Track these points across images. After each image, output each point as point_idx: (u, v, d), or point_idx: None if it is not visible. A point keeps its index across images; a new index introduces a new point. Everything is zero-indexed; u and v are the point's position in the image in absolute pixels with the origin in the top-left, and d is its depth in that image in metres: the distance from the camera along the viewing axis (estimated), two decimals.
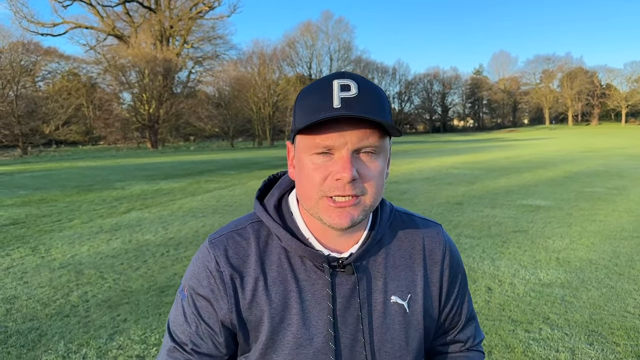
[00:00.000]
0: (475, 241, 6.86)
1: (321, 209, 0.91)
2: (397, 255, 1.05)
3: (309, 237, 1.00)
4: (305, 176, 0.92)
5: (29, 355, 3.71)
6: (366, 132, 0.88)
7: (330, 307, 0.97)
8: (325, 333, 0.97)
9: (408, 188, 12.81)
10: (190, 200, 11.62)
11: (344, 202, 0.90)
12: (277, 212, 1.03)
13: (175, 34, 65.77)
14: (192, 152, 42.95)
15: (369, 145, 0.89)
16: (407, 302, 1.03)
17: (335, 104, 0.87)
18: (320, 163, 0.90)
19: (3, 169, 24.87)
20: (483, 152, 28.57)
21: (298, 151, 0.95)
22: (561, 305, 4.47)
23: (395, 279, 1.03)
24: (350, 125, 0.87)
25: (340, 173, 0.87)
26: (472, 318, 1.19)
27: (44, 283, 5.45)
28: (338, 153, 0.89)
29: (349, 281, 0.99)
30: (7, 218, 9.63)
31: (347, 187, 0.88)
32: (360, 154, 0.90)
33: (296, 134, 0.94)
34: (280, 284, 0.98)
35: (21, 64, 45.81)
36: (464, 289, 1.16)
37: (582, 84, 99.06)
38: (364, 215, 0.92)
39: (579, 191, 11.46)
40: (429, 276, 1.07)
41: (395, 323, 1.01)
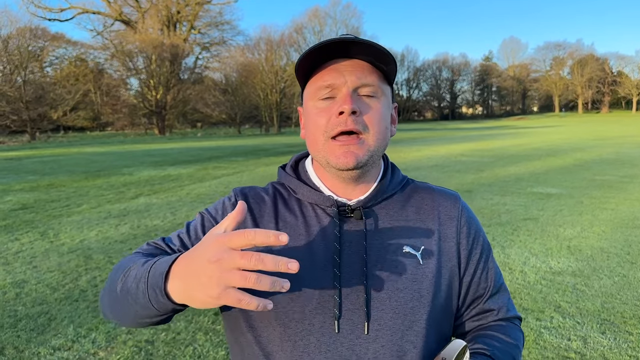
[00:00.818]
0: (485, 229, 6.80)
1: (328, 151, 0.95)
2: (409, 211, 1.05)
3: (319, 186, 1.04)
4: (312, 122, 0.97)
5: (39, 339, 3.72)
6: (364, 69, 0.94)
7: (337, 248, 0.96)
8: (331, 273, 0.96)
9: (416, 175, 12.74)
10: (198, 186, 11.63)
11: (347, 139, 0.93)
12: (294, 171, 1.11)
13: (182, 19, 65.54)
14: (200, 138, 42.98)
15: (368, 83, 0.94)
16: (420, 253, 1.00)
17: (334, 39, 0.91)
18: (323, 107, 0.95)
19: (12, 154, 25.00)
20: (492, 140, 28.38)
21: (305, 104, 1.00)
22: (573, 293, 4.43)
23: (407, 231, 1.02)
24: (348, 64, 0.93)
25: (341, 106, 0.91)
26: (504, 289, 1.13)
27: (53, 267, 5.46)
28: (339, 92, 0.94)
29: (358, 227, 0.99)
30: (16, 203, 9.67)
31: (349, 121, 0.91)
32: (361, 95, 0.95)
33: (303, 84, 1.01)
34: (290, 228, 1.01)
35: (29, 49, 45.91)
36: (488, 254, 1.11)
37: (592, 71, 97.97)
38: (368, 155, 0.95)
39: (590, 179, 11.35)
40: (444, 231, 1.04)
41: (408, 273, 0.98)
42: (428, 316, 0.98)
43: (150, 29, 59.68)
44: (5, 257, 5.92)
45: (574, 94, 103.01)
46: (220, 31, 69.67)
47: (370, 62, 0.96)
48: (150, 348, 3.54)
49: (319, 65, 0.96)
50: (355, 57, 0.95)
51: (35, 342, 3.68)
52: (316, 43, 0.92)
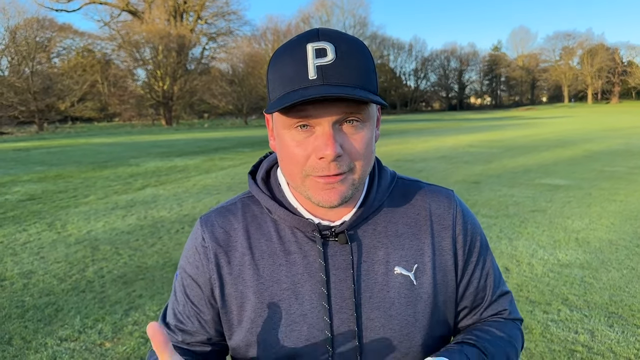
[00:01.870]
0: (492, 220, 6.77)
1: (308, 188, 0.84)
2: (400, 223, 0.96)
3: (297, 207, 0.93)
4: (287, 155, 0.84)
5: (46, 329, 3.74)
6: (348, 103, 0.79)
7: (324, 279, 0.89)
8: (320, 307, 0.89)
9: (424, 167, 12.69)
10: (205, 177, 11.64)
11: (330, 179, 0.81)
12: (266, 184, 0.98)
13: (189, 9, 65.35)
14: (206, 129, 43.03)
15: (352, 116, 0.80)
16: (413, 273, 0.92)
17: (310, 74, 0.78)
18: (301, 139, 0.81)
19: (20, 145, 25.13)
20: (501, 131, 28.21)
21: (277, 126, 0.86)
22: (580, 286, 4.39)
23: (398, 249, 0.93)
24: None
25: (322, 151, 0.78)
26: (504, 293, 1.06)
27: (60, 258, 5.49)
28: (319, 127, 0.80)
29: (343, 251, 0.91)
30: (24, 194, 9.72)
31: (332, 166, 0.80)
32: (344, 125, 0.81)
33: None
34: (268, 258, 0.92)
35: (36, 40, 46.00)
36: (486, 257, 1.02)
37: (602, 61, 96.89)
38: (353, 189, 0.85)
39: (599, 170, 11.25)
40: (439, 243, 0.96)
41: (401, 297, 0.91)
42: (424, 340, 0.93)
43: (157, 20, 59.62)
44: (13, 247, 5.95)
45: (583, 84, 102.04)
46: (227, 21, 69.44)
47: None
48: None
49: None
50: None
51: (43, 332, 3.70)
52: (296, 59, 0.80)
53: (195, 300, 0.96)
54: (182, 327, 0.98)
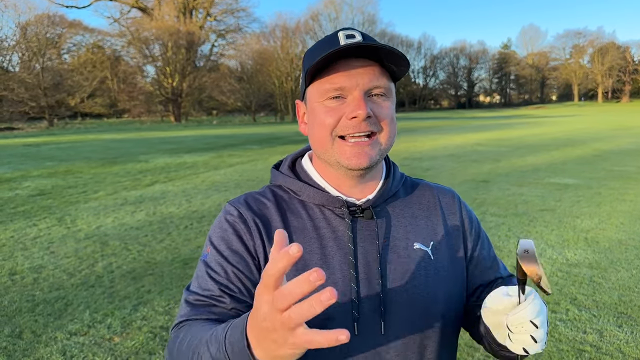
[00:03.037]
0: (501, 219, 6.75)
1: (337, 151, 0.93)
2: (414, 208, 1.06)
3: (325, 186, 1.01)
4: (319, 122, 0.94)
5: (56, 323, 3.77)
6: (375, 72, 0.92)
7: (352, 250, 0.95)
8: (348, 275, 0.95)
9: (431, 165, 12.66)
10: (213, 174, 11.67)
11: (360, 141, 0.92)
12: (292, 172, 1.06)
13: (198, 6, 65.46)
14: (215, 126, 43.13)
15: (379, 85, 0.92)
16: (430, 249, 1.01)
17: (341, 43, 0.90)
18: (333, 107, 0.92)
19: (30, 140, 25.32)
20: (510, 129, 28.06)
21: (310, 101, 0.97)
22: (589, 286, 4.37)
23: (416, 228, 1.03)
24: (359, 66, 0.90)
25: (355, 111, 0.89)
26: (510, 275, 1.16)
27: (70, 253, 5.53)
28: (350, 95, 0.91)
29: (369, 226, 0.99)
30: (34, 189, 9.80)
31: (363, 125, 0.90)
32: (372, 96, 0.93)
33: (307, 83, 0.96)
34: (300, 233, 0.98)
35: (47, 36, 46.28)
36: (490, 244, 1.15)
37: (613, 60, 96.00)
38: (379, 155, 0.95)
39: (608, 170, 11.17)
40: (449, 226, 1.07)
41: (421, 269, 0.99)
42: (443, 310, 1.00)
43: (166, 16, 59.79)
44: (23, 242, 6.01)
45: (593, 82, 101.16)
46: (236, 18, 69.54)
47: (380, 62, 0.93)
48: (164, 334, 3.57)
49: (329, 64, 0.91)
50: (365, 57, 0.92)
51: (52, 326, 3.73)
52: (330, 42, 0.92)
53: (240, 266, 0.95)
54: (229, 292, 0.93)
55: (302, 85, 1.00)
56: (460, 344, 3.37)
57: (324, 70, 0.92)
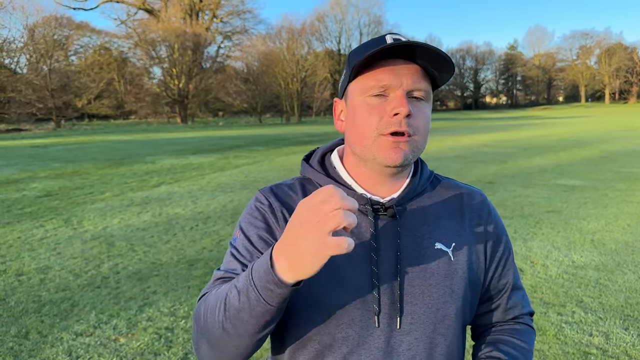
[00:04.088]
0: (507, 221, 6.72)
1: (378, 147, 0.95)
2: (440, 207, 1.07)
3: (351, 184, 1.04)
4: (361, 118, 0.97)
5: (62, 324, 3.79)
6: (418, 73, 0.95)
7: (374, 246, 0.98)
8: (369, 270, 0.98)
9: (437, 166, 12.63)
10: (219, 175, 11.70)
11: (398, 138, 0.94)
12: (321, 166, 1.10)
13: (204, 7, 65.66)
14: (221, 127, 43.22)
15: (421, 88, 0.95)
16: (451, 250, 1.03)
17: (388, 42, 0.92)
18: (375, 104, 0.95)
19: (37, 141, 25.48)
20: (516, 130, 27.97)
21: (352, 97, 1.00)
22: (595, 288, 4.35)
23: (438, 228, 1.04)
24: (404, 66, 0.94)
25: (398, 108, 0.92)
26: (519, 287, 1.17)
27: (76, 254, 5.56)
28: (393, 93, 0.94)
29: (391, 224, 1.01)
30: (41, 190, 9.86)
31: (403, 122, 0.93)
32: (413, 98, 0.96)
33: (352, 77, 0.99)
34: None
35: (54, 38, 46.55)
36: (510, 253, 1.15)
37: (620, 61, 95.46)
38: (413, 154, 0.97)
39: (615, 171, 11.11)
40: (474, 229, 1.08)
41: (440, 269, 1.01)
42: (457, 310, 1.02)
43: (172, 18, 59.99)
44: (30, 243, 6.04)
45: (600, 83, 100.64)
46: (242, 20, 69.64)
47: (424, 67, 0.96)
48: (169, 335, 3.58)
49: (374, 62, 0.95)
50: (411, 60, 0.95)
51: (59, 327, 3.75)
52: (377, 42, 0.95)
53: (265, 251, 0.95)
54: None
55: (344, 82, 1.03)
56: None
57: (369, 67, 0.95)
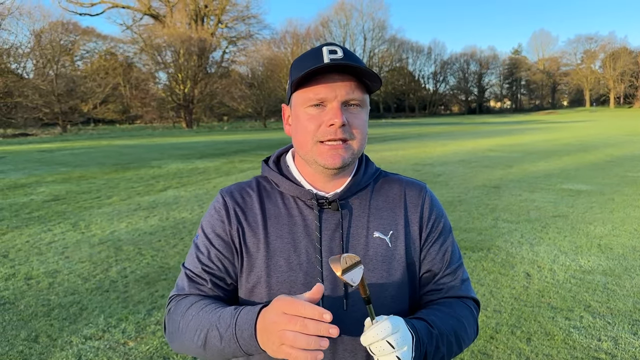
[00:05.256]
0: (513, 226, 6.72)
1: (316, 153, 1.08)
2: (379, 200, 1.19)
3: (300, 180, 1.17)
4: (302, 126, 1.09)
5: (71, 328, 3.82)
6: (352, 86, 1.05)
7: (318, 237, 1.10)
8: (314, 259, 1.10)
9: (442, 170, 12.62)
10: (225, 179, 11.73)
11: (335, 145, 1.06)
12: (276, 165, 1.23)
13: (209, 13, 65.96)
14: (226, 132, 43.31)
15: (355, 98, 1.06)
16: (388, 237, 1.14)
17: (325, 61, 1.02)
18: (314, 114, 1.06)
19: (44, 146, 25.59)
20: (521, 135, 27.91)
21: (294, 107, 1.12)
22: (603, 292, 4.34)
23: (377, 218, 1.16)
24: (338, 80, 1.04)
25: (332, 119, 1.04)
26: (459, 271, 1.21)
27: (84, 258, 5.59)
28: (330, 104, 1.05)
29: (335, 217, 1.13)
30: (49, 194, 9.91)
31: (338, 132, 1.05)
32: (348, 106, 1.07)
33: (293, 91, 1.10)
34: (275, 219, 1.15)
35: (60, 43, 46.80)
36: (446, 237, 1.21)
37: (625, 65, 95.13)
38: (352, 158, 1.09)
39: (622, 175, 11.08)
40: (409, 217, 1.18)
41: (378, 255, 1.12)
42: (394, 292, 1.12)
43: (178, 23, 60.27)
44: (38, 247, 6.08)
45: (605, 88, 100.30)
46: (247, 25, 69.95)
47: (356, 76, 1.06)
48: None
49: (312, 77, 1.04)
50: (345, 73, 1.05)
51: (68, 331, 3.77)
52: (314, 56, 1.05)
53: (221, 248, 1.14)
54: (209, 270, 1.14)
55: (288, 92, 1.14)
56: (473, 350, 3.36)
57: (308, 81, 1.05)
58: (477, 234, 6.33)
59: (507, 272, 4.90)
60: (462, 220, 7.05)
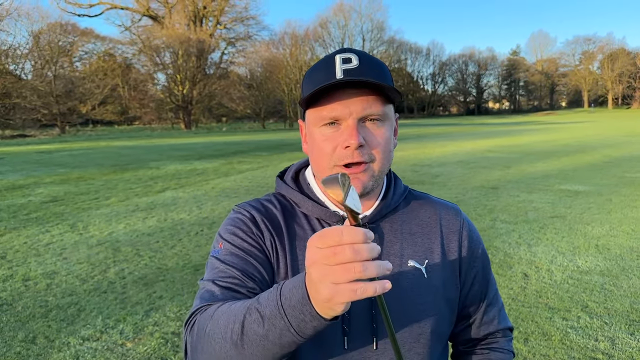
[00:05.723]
0: (511, 226, 6.72)
1: None
2: (413, 223, 1.07)
3: (324, 201, 1.04)
4: (317, 148, 0.98)
5: (69, 329, 3.81)
6: (369, 99, 0.93)
7: None
8: None
9: (441, 171, 12.63)
10: (224, 180, 11.73)
11: (354, 168, 0.95)
12: (295, 183, 1.10)
13: (208, 14, 65.95)
14: (225, 133, 43.31)
15: (373, 113, 0.94)
16: (424, 267, 1.02)
17: (338, 75, 0.93)
18: (329, 134, 0.95)
19: (43, 147, 25.58)
20: (519, 136, 27.93)
21: (308, 125, 1.01)
22: (600, 293, 4.34)
23: (411, 245, 1.04)
24: (353, 95, 0.92)
25: (347, 140, 0.92)
26: (495, 302, 1.16)
27: (82, 259, 5.58)
28: (345, 122, 0.94)
29: None
30: (47, 195, 9.90)
31: (356, 154, 0.93)
32: (366, 122, 0.95)
33: (305, 109, 1.00)
34: (300, 241, 1.01)
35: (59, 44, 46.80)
36: (487, 267, 1.15)
37: (623, 66, 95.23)
38: (373, 181, 0.98)
39: (620, 176, 11.09)
40: (447, 245, 1.07)
41: (414, 286, 1.00)
42: (432, 328, 1.01)
43: (177, 25, 60.26)
44: (36, 248, 6.07)
45: (603, 89, 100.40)
46: (246, 26, 69.95)
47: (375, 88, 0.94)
48: (176, 340, 3.60)
49: (325, 92, 0.93)
50: (361, 87, 0.93)
51: (66, 332, 3.77)
52: (327, 67, 0.94)
53: (254, 256, 0.98)
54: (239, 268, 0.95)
55: (302, 106, 1.02)
56: None
57: (321, 97, 0.94)
58: None
59: (504, 273, 4.91)
60: None
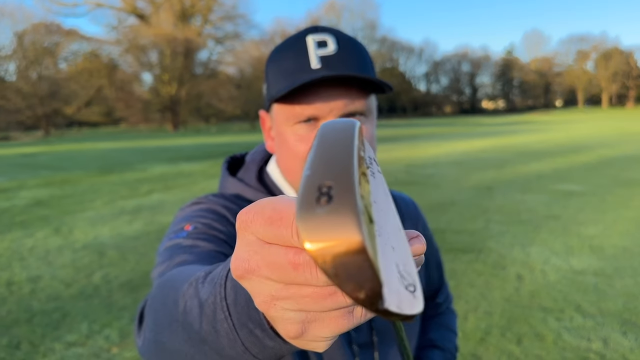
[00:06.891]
0: (505, 227, 6.69)
1: None
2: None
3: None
4: (289, 150, 0.84)
5: (54, 334, 3.71)
6: (351, 94, 0.80)
7: None
8: None
9: (434, 172, 12.60)
10: (212, 182, 11.62)
11: None
12: (261, 184, 0.95)
13: (196, 12, 65.57)
14: (213, 133, 43.17)
15: (357, 109, 0.82)
16: None
17: (313, 64, 0.79)
18: (303, 134, 0.82)
19: (26, 150, 25.30)
20: (514, 135, 28.02)
21: (277, 122, 0.86)
22: (594, 293, 4.32)
23: None
24: (334, 89, 0.79)
25: None
26: (446, 282, 1.26)
27: (67, 263, 5.47)
28: (323, 120, 0.80)
29: None
30: (31, 199, 9.74)
31: None
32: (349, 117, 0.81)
33: (272, 102, 0.85)
34: None
35: (43, 45, 46.40)
36: (438, 249, 1.20)
37: (617, 65, 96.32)
38: None
39: (614, 176, 11.10)
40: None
41: None
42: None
43: (164, 23, 59.88)
44: (20, 252, 5.95)
45: (598, 88, 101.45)
46: (235, 25, 69.57)
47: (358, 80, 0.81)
48: None
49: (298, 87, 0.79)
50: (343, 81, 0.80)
51: (50, 337, 3.67)
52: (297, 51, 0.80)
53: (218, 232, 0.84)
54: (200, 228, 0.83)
55: (266, 96, 0.88)
56: (463, 352, 3.31)
57: (293, 91, 0.79)
58: (469, 236, 6.30)
59: (498, 274, 4.87)
60: (454, 222, 7.02)
